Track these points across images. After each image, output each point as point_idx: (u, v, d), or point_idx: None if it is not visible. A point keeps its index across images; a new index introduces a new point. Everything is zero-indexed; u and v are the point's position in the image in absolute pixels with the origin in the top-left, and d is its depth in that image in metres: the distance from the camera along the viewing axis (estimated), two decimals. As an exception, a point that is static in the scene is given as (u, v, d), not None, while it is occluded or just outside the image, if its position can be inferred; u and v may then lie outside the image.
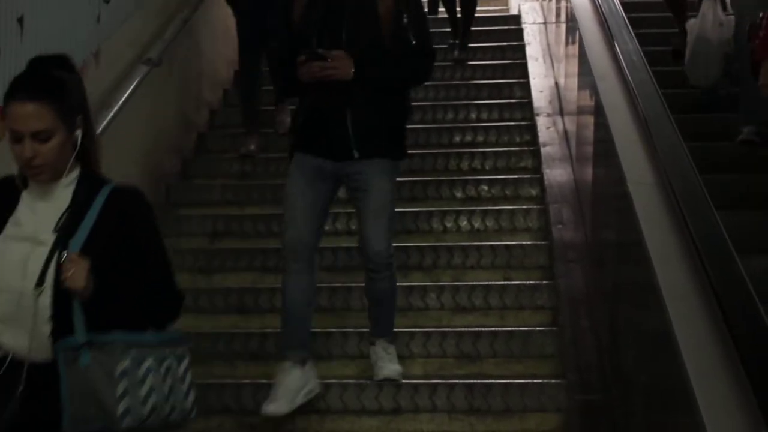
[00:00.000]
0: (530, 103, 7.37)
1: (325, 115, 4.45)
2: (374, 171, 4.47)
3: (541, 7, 8.98)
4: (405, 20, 4.44)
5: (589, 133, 5.18)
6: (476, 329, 5.11)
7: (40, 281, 2.78)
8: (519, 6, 9.49)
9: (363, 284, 5.48)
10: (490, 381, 4.75)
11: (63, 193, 2.89)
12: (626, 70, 4.68)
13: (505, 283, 5.45)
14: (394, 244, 5.72)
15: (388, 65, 4.46)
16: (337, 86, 4.36)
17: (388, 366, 4.69)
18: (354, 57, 4.36)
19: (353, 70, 4.35)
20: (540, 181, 6.34)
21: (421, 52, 4.54)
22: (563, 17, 7.03)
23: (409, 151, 6.96)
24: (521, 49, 8.35)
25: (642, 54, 4.90)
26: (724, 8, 6.25)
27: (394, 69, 4.50)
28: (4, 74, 4.52)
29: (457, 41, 8.40)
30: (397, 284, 5.44)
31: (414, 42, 4.49)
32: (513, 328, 5.11)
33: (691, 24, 6.31)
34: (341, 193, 6.44)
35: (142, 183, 5.23)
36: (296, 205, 4.50)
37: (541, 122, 7.03)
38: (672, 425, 2.89)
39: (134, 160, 6.02)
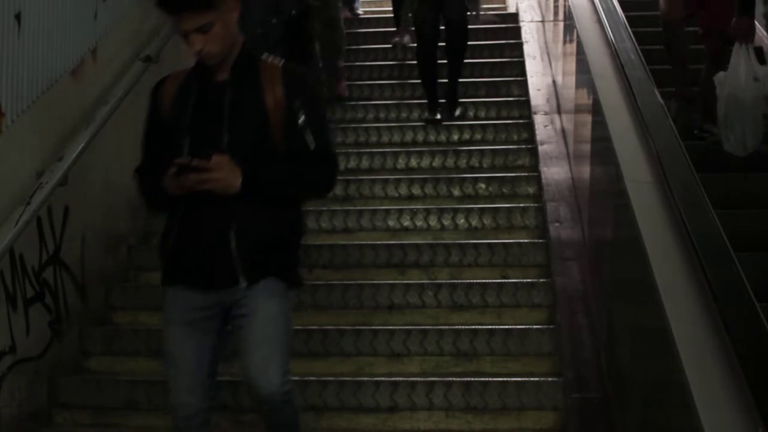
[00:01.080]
0: (528, 101, 7.38)
1: (202, 235, 3.50)
2: (260, 292, 3.52)
3: (539, 5, 8.98)
4: (301, 118, 3.48)
5: (587, 131, 5.18)
6: (473, 327, 5.11)
7: None
8: (517, 4, 9.49)
9: (359, 282, 5.50)
10: (487, 379, 4.75)
11: None
12: (624, 68, 4.68)
13: (503, 281, 5.46)
14: (390, 241, 5.74)
15: (281, 174, 3.50)
16: (218, 198, 3.41)
17: None
18: (239, 164, 3.40)
19: (240, 181, 3.39)
20: (537, 179, 6.34)
21: (321, 157, 3.54)
22: (561, 15, 7.03)
23: (408, 149, 7.03)
24: (519, 47, 8.35)
25: (640, 52, 4.90)
26: (761, 60, 5.23)
27: (289, 178, 3.53)
28: (3, 71, 4.52)
29: (437, 113, 7.35)
30: (395, 282, 5.46)
31: (313, 145, 3.50)
32: (510, 326, 5.11)
33: (721, 78, 5.26)
34: (339, 190, 6.49)
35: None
36: (177, 363, 3.57)
37: (539, 120, 7.04)
38: (669, 422, 2.89)
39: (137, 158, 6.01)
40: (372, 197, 6.48)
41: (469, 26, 7.38)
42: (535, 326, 5.11)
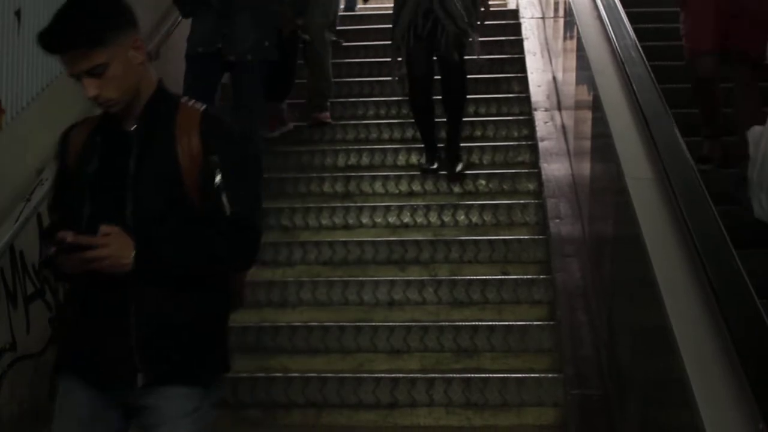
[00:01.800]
0: (528, 97, 7.37)
1: (96, 318, 2.89)
2: (169, 410, 2.87)
3: (539, 1, 8.97)
4: (217, 177, 2.83)
5: (587, 127, 5.18)
6: (474, 323, 5.11)
7: None
8: (517, 0, 9.48)
9: (359, 278, 5.50)
10: (487, 375, 4.75)
11: None
12: (625, 65, 4.68)
13: (503, 277, 5.46)
14: (390, 238, 5.74)
15: (183, 244, 2.83)
16: (115, 278, 2.77)
17: None
18: (138, 233, 2.77)
19: (133, 255, 2.73)
20: (537, 176, 6.34)
21: (238, 226, 2.86)
22: (561, 12, 7.02)
23: (408, 146, 6.99)
24: (519, 43, 8.34)
25: (640, 49, 4.90)
26: None
27: (193, 250, 2.85)
28: (3, 67, 4.52)
29: (434, 161, 6.61)
30: (395, 278, 5.46)
31: (229, 210, 2.84)
32: (510, 323, 5.11)
33: (756, 133, 4.54)
34: (339, 187, 6.47)
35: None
36: None
37: (539, 117, 7.04)
38: (669, 418, 2.89)
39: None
40: (372, 194, 6.47)
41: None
42: (535, 323, 5.12)
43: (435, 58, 6.41)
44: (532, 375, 4.73)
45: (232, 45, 5.88)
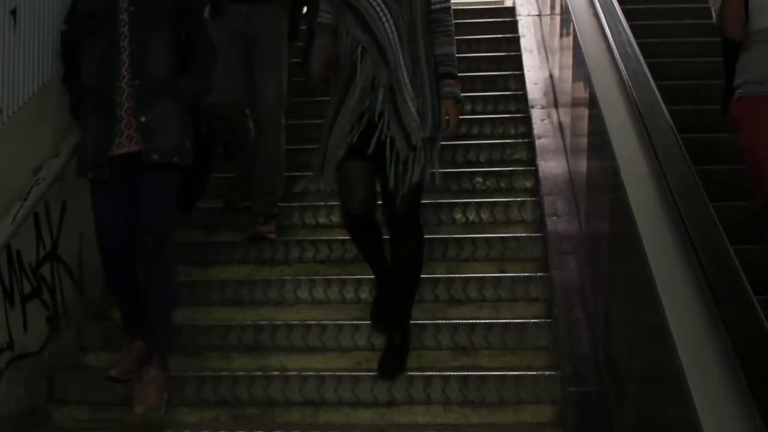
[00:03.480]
0: (525, 95, 7.36)
1: None
2: None
3: (536, -2, 8.98)
4: None
5: (584, 124, 5.18)
6: (471, 321, 5.11)
7: None
8: (513, -2, 9.49)
9: (356, 276, 5.49)
10: (484, 373, 4.75)
11: None
12: (620, 62, 4.68)
13: (500, 275, 5.45)
14: (387, 236, 5.71)
15: None
16: None
17: None
18: None
19: None
20: (534, 173, 6.34)
21: None
22: (558, 9, 7.03)
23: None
24: (516, 41, 8.34)
25: (636, 45, 4.91)
26: None
27: None
28: (-2, 67, 4.53)
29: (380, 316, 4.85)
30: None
31: None
32: (508, 320, 5.11)
33: None
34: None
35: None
36: None
37: (536, 114, 7.03)
38: (666, 415, 2.90)
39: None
40: (369, 192, 6.46)
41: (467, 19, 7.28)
42: (532, 320, 5.12)
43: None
44: (530, 372, 4.73)
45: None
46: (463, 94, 7.34)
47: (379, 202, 4.64)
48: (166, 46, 4.68)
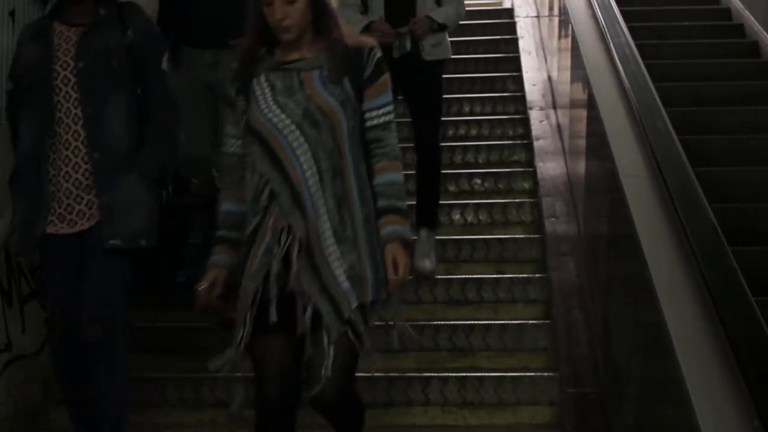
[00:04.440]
0: (523, 96, 7.37)
1: None
2: None
3: (534, 0, 8.98)
4: None
5: (582, 126, 5.19)
6: (469, 322, 5.11)
7: None
8: (512, -1, 9.51)
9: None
10: (483, 374, 4.75)
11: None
12: (619, 64, 4.68)
13: (499, 276, 5.46)
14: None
15: None
16: None
17: None
18: None
19: None
20: (533, 175, 6.35)
21: None
22: (556, 10, 7.03)
23: (403, 145, 6.96)
24: (514, 42, 8.34)
25: (635, 47, 4.91)
26: None
27: None
28: (-4, 67, 4.53)
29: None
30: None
31: None
32: (506, 322, 5.11)
33: None
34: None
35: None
36: None
37: (534, 116, 7.04)
38: (665, 416, 2.89)
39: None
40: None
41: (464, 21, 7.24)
42: (531, 321, 5.12)
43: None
44: (528, 374, 4.73)
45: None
46: (462, 95, 7.48)
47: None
48: (126, 108, 3.89)
